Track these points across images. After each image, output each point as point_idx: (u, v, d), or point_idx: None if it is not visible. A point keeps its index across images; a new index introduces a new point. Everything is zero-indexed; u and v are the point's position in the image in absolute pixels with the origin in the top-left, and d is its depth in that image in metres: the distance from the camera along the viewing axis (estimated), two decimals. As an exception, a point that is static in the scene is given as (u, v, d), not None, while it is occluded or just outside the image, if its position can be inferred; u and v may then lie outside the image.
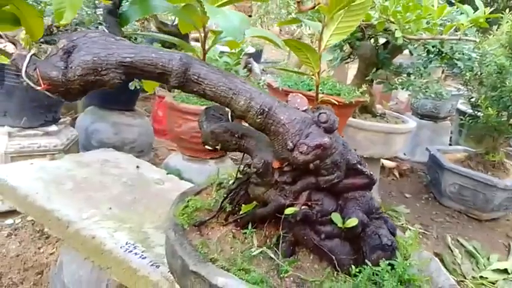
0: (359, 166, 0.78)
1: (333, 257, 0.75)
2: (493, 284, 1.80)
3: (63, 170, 1.38)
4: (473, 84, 2.36)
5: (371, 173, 0.79)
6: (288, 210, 0.75)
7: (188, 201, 0.92)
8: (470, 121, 2.39)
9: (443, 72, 2.72)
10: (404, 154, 3.24)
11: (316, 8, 1.02)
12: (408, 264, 0.75)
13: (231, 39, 0.95)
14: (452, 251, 2.05)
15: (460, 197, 2.47)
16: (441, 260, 1.91)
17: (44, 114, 1.59)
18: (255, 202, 0.85)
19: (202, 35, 0.91)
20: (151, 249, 1.04)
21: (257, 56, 5.43)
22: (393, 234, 0.82)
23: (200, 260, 0.73)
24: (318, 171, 0.75)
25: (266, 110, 0.75)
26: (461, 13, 1.36)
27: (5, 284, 1.23)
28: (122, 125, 2.16)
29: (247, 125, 0.84)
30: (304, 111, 0.84)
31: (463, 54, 1.88)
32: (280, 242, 0.79)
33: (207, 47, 0.94)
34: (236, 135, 0.87)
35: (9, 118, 1.54)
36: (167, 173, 1.49)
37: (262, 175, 0.81)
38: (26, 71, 0.70)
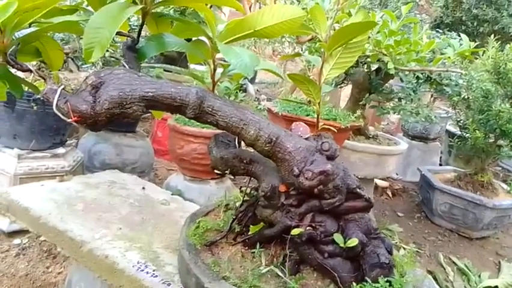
0: (358, 190, 0.85)
1: (336, 275, 0.82)
2: (484, 301, 1.87)
3: (73, 191, 1.43)
4: (460, 107, 2.48)
5: (369, 196, 0.86)
6: (294, 231, 0.82)
7: (199, 222, 0.98)
8: (459, 142, 2.49)
9: (431, 96, 2.84)
10: (396, 174, 3.33)
11: (312, 39, 1.11)
12: (404, 281, 0.82)
13: (237, 71, 1.03)
14: (444, 268, 2.12)
15: (451, 216, 2.55)
16: (434, 278, 1.97)
17: (52, 137, 1.65)
18: (262, 223, 0.92)
19: (212, 67, 0.99)
20: (161, 267, 1.10)
21: (252, 77, 5.56)
22: (390, 253, 0.89)
23: (214, 277, 0.79)
24: (321, 195, 0.83)
25: (274, 139, 0.83)
26: (448, 45, 1.47)
27: (14, 304, 1.26)
28: (124, 146, 2.22)
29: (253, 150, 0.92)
30: (306, 138, 0.92)
31: (451, 80, 1.99)
32: (287, 260, 0.85)
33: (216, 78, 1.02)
34: (244, 161, 0.94)
35: (19, 141, 1.60)
36: (172, 194, 1.55)
37: (269, 198, 0.88)
38: (57, 104, 0.76)
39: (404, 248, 2.26)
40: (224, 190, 1.89)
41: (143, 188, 1.55)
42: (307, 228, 0.83)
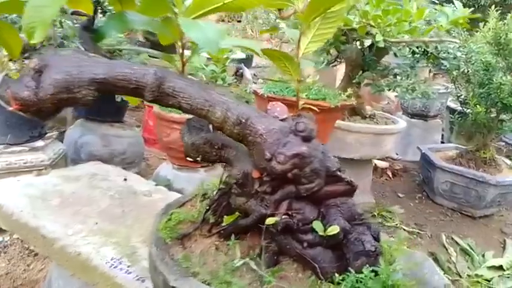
0: (338, 173, 0.77)
1: (316, 266, 0.75)
2: (489, 281, 1.80)
3: (50, 185, 1.36)
4: (460, 82, 2.37)
5: (351, 179, 0.78)
6: (269, 221, 0.75)
7: (171, 214, 0.91)
8: (459, 118, 2.40)
9: (430, 71, 2.73)
10: (396, 154, 3.25)
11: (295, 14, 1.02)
12: (392, 270, 0.75)
13: (201, 47, 0.95)
14: (446, 249, 2.05)
15: (453, 195, 2.47)
16: (436, 259, 1.91)
17: (29, 130, 1.58)
18: (237, 213, 0.85)
19: (180, 46, 0.91)
20: (137, 263, 1.04)
21: (248, 61, 5.44)
22: (377, 239, 0.82)
23: (181, 274, 0.73)
24: (297, 180, 0.75)
25: (243, 120, 0.75)
26: (442, 14, 1.37)
27: (-6, 304, 1.21)
28: (111, 137, 2.15)
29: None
30: (284, 119, 0.84)
31: (448, 53, 1.89)
32: (263, 252, 0.78)
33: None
34: (216, 146, 0.86)
35: (-5, 136, 1.54)
36: (156, 185, 1.48)
37: (242, 185, 0.81)
38: (-2, 92, 0.69)
39: (404, 230, 2.19)
40: (214, 178, 1.82)
41: (125, 179, 1.49)
42: (283, 216, 0.76)
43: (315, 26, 0.87)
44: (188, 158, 0.94)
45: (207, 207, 0.88)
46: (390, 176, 2.98)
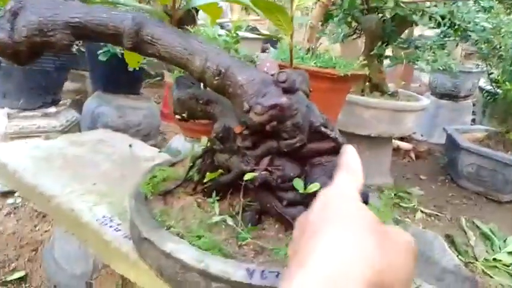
0: (322, 129, 0.73)
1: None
2: (508, 266, 1.71)
3: (56, 148, 1.39)
4: (491, 60, 2.23)
5: (337, 135, 0.74)
6: (247, 176, 0.71)
7: (157, 171, 0.90)
8: (489, 98, 2.26)
9: (460, 50, 2.58)
10: (422, 135, 3.12)
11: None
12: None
13: (205, 3, 0.91)
14: (465, 232, 1.95)
15: (478, 178, 2.35)
16: (452, 242, 1.82)
17: (42, 96, 1.61)
18: (220, 170, 0.82)
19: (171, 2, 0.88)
20: (127, 222, 1.03)
21: (275, 41, 5.36)
22: (366, 202, 0.77)
23: (154, 227, 0.71)
24: (278, 134, 0.71)
25: (223, 70, 0.71)
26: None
27: (0, 260, 1.26)
28: (126, 108, 2.16)
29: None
30: (273, 75, 0.80)
31: (476, 24, 1.77)
32: (241, 210, 0.75)
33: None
34: (201, 102, 0.84)
35: (8, 100, 1.58)
36: (159, 151, 1.47)
37: (224, 141, 0.78)
38: (-25, 35, 0.68)
39: (421, 211, 2.10)
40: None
41: (130, 145, 1.49)
42: (262, 172, 0.72)
43: (310, -25, 0.82)
44: (176, 116, 0.92)
45: (190, 164, 0.86)
46: (413, 158, 2.87)
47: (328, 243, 0.33)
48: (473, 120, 3.44)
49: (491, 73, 2.32)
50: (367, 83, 2.17)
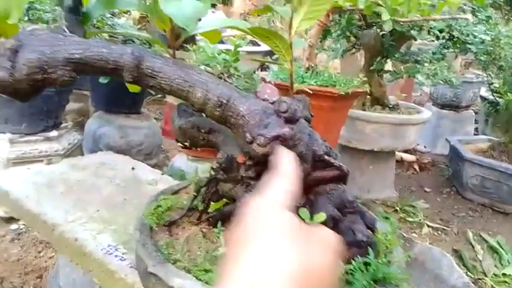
0: (326, 157, 0.72)
1: (302, 256, 0.70)
2: (517, 281, 1.68)
3: (57, 173, 1.38)
4: (492, 70, 2.23)
5: (341, 164, 0.73)
6: (252, 207, 0.71)
7: (161, 201, 0.89)
8: (490, 108, 2.26)
9: (458, 59, 2.58)
10: (425, 147, 3.11)
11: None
12: (382, 262, 0.69)
13: (204, 31, 0.92)
14: (473, 246, 1.93)
15: (483, 190, 2.33)
16: (460, 257, 1.80)
17: (44, 120, 1.62)
18: (224, 199, 0.82)
19: (169, 29, 0.88)
20: (133, 251, 1.02)
21: (274, 53, 5.38)
22: (372, 229, 0.77)
23: (160, 261, 0.70)
24: (282, 164, 0.71)
25: (224, 101, 0.71)
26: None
27: (5, 288, 1.25)
28: (128, 128, 2.16)
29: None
30: (273, 102, 0.79)
31: (475, 37, 1.77)
32: (246, 240, 0.75)
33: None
34: (203, 131, 0.83)
35: (11, 125, 1.58)
36: (162, 174, 1.47)
37: (227, 170, 0.77)
38: (-24, 73, 0.68)
39: (428, 226, 2.09)
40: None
41: (133, 168, 1.49)
42: (267, 203, 0.71)
43: (307, 2, 0.82)
44: (178, 144, 0.92)
45: (194, 194, 0.85)
46: (417, 169, 2.85)
47: (253, 254, 0.36)
48: (476, 129, 3.43)
49: (492, 83, 2.32)
50: (368, 97, 2.17)
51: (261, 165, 0.74)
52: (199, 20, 0.75)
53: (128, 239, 1.07)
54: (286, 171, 0.50)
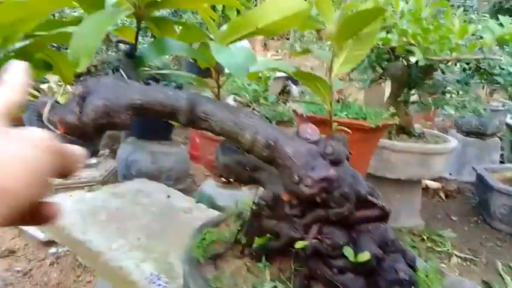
0: (369, 197, 0.76)
1: (346, 292, 0.73)
2: (551, 316, 1.65)
3: (99, 201, 1.45)
4: (518, 99, 2.23)
5: (383, 204, 0.76)
6: (298, 244, 0.75)
7: (205, 234, 0.94)
8: (517, 137, 2.25)
9: (483, 87, 2.59)
10: (450, 174, 3.09)
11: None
12: (425, 301, 0.71)
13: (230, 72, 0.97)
14: (503, 278, 1.90)
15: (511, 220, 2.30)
16: (491, 289, 1.77)
17: (85, 147, 1.68)
18: (268, 235, 0.85)
19: (215, 72, 0.95)
20: (174, 280, 1.06)
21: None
22: (413, 267, 0.79)
23: (211, 295, 0.74)
24: (327, 203, 0.75)
25: (272, 143, 0.76)
26: (487, 30, 1.30)
27: (46, 313, 1.30)
28: (159, 154, 2.24)
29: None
30: (315, 141, 0.84)
31: (502, 69, 1.79)
32: (292, 276, 0.78)
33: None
34: (248, 168, 0.88)
35: (53, 153, 1.66)
36: (197, 202, 1.52)
37: (272, 208, 0.81)
38: (47, 117, 0.75)
39: (456, 256, 2.06)
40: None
41: (168, 196, 1.54)
42: (313, 240, 0.75)
43: (347, 47, 0.87)
44: (223, 179, 0.97)
45: (239, 229, 0.89)
46: (443, 197, 2.83)
47: None
48: (502, 156, 3.39)
49: (519, 112, 2.32)
50: (394, 125, 2.19)
51: (306, 204, 0.78)
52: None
53: (169, 267, 1.11)
54: (11, 80, 0.47)
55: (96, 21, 0.77)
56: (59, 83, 1.62)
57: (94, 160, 1.72)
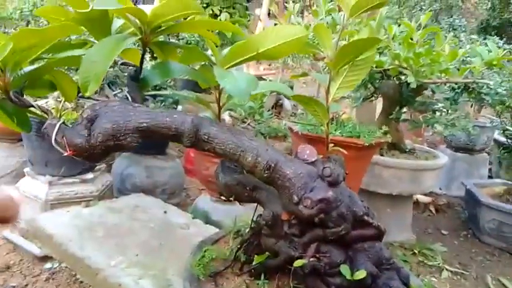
0: (365, 217, 0.79)
1: (343, 310, 0.76)
2: (539, 330, 1.68)
3: (96, 216, 1.46)
4: (506, 116, 2.30)
5: (379, 224, 0.80)
6: (297, 263, 0.78)
7: (205, 251, 0.96)
8: (505, 153, 2.31)
9: (472, 105, 2.67)
10: (440, 189, 3.14)
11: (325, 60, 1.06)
12: (419, 318, 0.74)
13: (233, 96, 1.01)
14: (493, 293, 1.94)
15: (501, 234, 2.35)
16: (481, 304, 1.81)
17: (81, 163, 1.70)
18: (267, 253, 0.88)
19: (217, 93, 0.98)
20: (173, 296, 1.08)
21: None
22: (406, 284, 0.82)
23: (212, 312, 0.76)
24: (325, 223, 0.78)
25: (272, 165, 0.79)
26: (476, 55, 1.37)
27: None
28: (154, 168, 2.25)
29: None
30: (313, 162, 0.87)
31: (490, 89, 1.85)
32: (291, 293, 0.80)
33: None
34: (248, 188, 0.91)
35: (50, 168, 1.68)
36: (193, 217, 1.54)
37: (272, 227, 0.84)
38: (55, 139, 0.78)
39: (447, 270, 2.10)
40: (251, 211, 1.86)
41: (165, 212, 1.56)
42: (311, 259, 0.78)
43: (344, 72, 0.91)
44: (222, 197, 1.00)
45: (238, 246, 0.92)
46: (434, 211, 2.88)
47: None
48: (490, 170, 3.46)
49: (507, 129, 2.39)
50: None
51: (305, 223, 0.81)
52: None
53: (167, 284, 1.13)
54: None
55: (104, 48, 0.80)
56: (58, 99, 1.64)
57: (90, 175, 1.73)
